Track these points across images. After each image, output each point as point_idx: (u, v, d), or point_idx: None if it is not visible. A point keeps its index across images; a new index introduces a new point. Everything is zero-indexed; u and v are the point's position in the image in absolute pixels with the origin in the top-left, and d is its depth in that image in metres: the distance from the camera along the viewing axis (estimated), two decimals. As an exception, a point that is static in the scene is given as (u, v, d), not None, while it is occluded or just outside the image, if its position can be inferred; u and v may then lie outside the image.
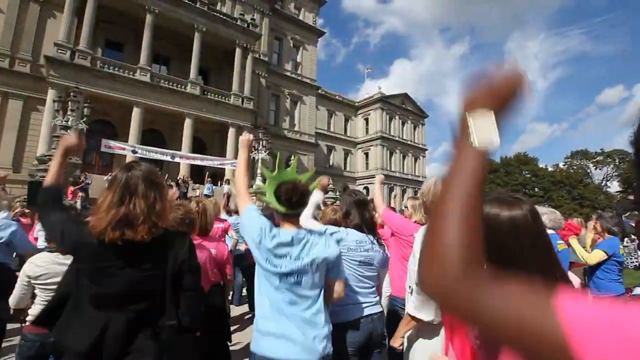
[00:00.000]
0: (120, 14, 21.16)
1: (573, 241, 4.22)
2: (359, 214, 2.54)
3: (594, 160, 53.90)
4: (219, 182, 22.35)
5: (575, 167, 53.45)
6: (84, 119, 16.39)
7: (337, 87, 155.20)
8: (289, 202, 1.86)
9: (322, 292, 1.87)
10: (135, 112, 20.08)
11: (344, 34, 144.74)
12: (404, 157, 44.43)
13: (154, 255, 1.53)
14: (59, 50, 18.29)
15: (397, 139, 43.52)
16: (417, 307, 1.82)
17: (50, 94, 17.70)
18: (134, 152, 18.82)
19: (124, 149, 18.52)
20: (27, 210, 7.38)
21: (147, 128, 21.43)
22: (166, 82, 21.59)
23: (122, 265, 1.47)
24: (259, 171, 20.51)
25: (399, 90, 50.39)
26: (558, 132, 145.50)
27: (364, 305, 2.35)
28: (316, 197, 2.53)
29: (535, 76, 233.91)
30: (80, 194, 13.61)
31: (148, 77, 20.59)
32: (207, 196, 17.83)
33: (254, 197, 16.29)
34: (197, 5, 22.39)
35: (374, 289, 2.48)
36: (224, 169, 22.76)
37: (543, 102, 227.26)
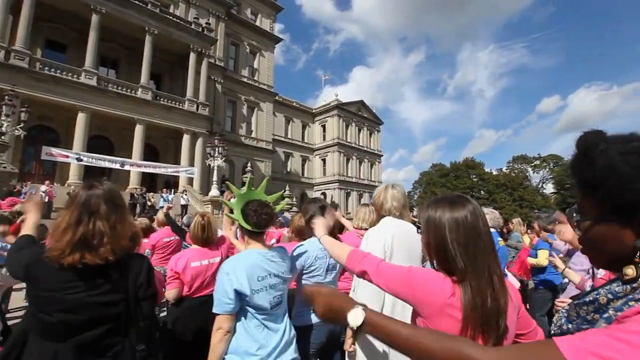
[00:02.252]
0: (62, 13, 19.96)
1: (541, 252, 4.64)
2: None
3: (532, 164, 58.71)
4: (172, 191, 21.70)
5: (516, 171, 57.85)
6: (21, 125, 15.23)
7: (299, 92, 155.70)
8: (258, 221, 1.91)
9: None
10: (80, 118, 18.97)
11: (305, 40, 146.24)
12: (360, 163, 45.63)
13: (113, 279, 1.45)
14: (-8, 50, 16.88)
15: (353, 145, 44.62)
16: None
17: (-19, 97, 16.25)
18: (79, 159, 17.78)
19: (67, 156, 17.45)
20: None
21: (94, 134, 20.33)
22: (115, 87, 20.60)
23: (80, 290, 1.38)
24: (214, 179, 20.21)
25: (358, 97, 51.90)
26: (503, 138, 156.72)
27: None
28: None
29: (485, 85, 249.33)
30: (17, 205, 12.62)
31: (94, 81, 19.55)
32: (161, 207, 17.30)
33: (209, 205, 15.91)
34: (149, 7, 21.64)
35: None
36: (178, 177, 22.12)
37: (490, 110, 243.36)
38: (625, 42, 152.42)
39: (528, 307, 4.71)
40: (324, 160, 43.08)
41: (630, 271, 0.63)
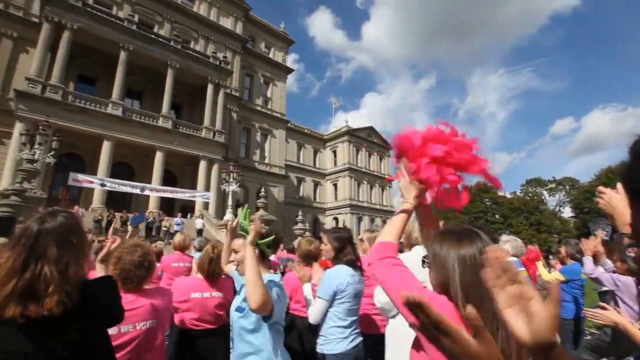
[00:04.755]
0: (94, 51, 21.72)
1: (538, 264, 4.66)
2: (353, 250, 2.70)
3: (547, 187, 57.93)
4: (189, 215, 22.51)
5: (530, 194, 57.09)
6: (52, 153, 16.40)
7: (312, 118, 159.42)
8: (275, 248, 2.26)
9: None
10: (106, 146, 20.22)
11: (318, 69, 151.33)
12: (371, 188, 46.01)
13: (68, 332, 1.22)
14: (30, 84, 18.45)
15: (364, 170, 45.22)
16: None
17: (18, 127, 17.63)
18: (103, 185, 18.81)
19: (92, 182, 18.49)
20: None
21: (118, 161, 21.52)
22: (138, 116, 22.00)
23: (28, 351, 1.14)
24: (229, 203, 20.97)
25: (370, 123, 52.92)
26: (517, 161, 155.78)
27: (353, 335, 2.49)
28: None
29: (495, 108, 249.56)
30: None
31: (120, 111, 20.97)
32: (176, 231, 18.00)
33: (224, 229, 16.50)
34: (171, 44, 23.41)
35: (357, 318, 2.63)
36: (194, 201, 22.97)
37: (502, 133, 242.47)
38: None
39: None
40: (335, 185, 43.63)
41: None
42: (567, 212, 56.03)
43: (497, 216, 52.16)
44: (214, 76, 25.28)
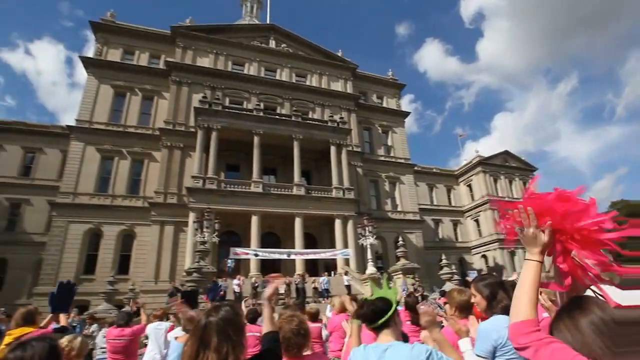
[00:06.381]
0: (234, 142, 25.61)
1: None
2: (507, 296, 2.36)
3: None
4: (332, 273, 22.79)
5: None
6: (215, 233, 19.12)
7: (440, 155, 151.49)
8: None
9: None
10: (254, 220, 22.69)
11: (436, 102, 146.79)
12: (522, 218, 39.72)
13: None
14: (195, 181, 22.56)
15: (506, 199, 39.65)
16: None
17: (191, 217, 21.37)
18: (256, 255, 20.80)
19: (247, 253, 20.65)
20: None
21: (265, 232, 23.82)
22: (275, 189, 24.40)
23: None
24: (369, 257, 20.55)
25: (504, 147, 47.70)
26: None
27: None
28: None
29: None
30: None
31: (260, 188, 23.62)
32: (324, 289, 18.26)
33: (368, 283, 15.97)
34: (292, 119, 26.09)
35: None
36: (336, 259, 23.31)
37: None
38: None
39: None
40: (477, 221, 39.34)
41: None
42: None
43: None
44: (335, 138, 26.70)
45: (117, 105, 26.55)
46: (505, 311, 2.21)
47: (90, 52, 30.18)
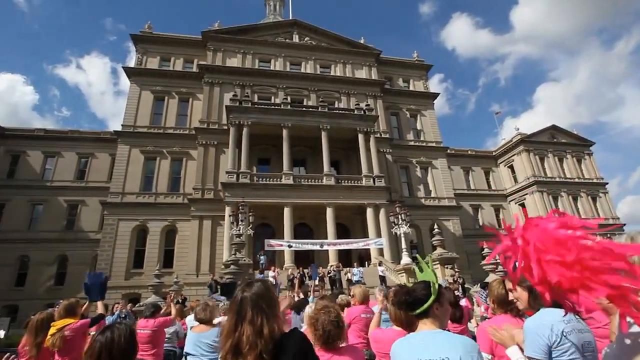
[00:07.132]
0: (264, 136, 26.24)
1: None
2: None
3: None
4: (366, 263, 22.85)
5: None
6: (250, 226, 19.84)
7: (476, 136, 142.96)
8: None
9: None
10: (286, 212, 23.23)
11: (469, 80, 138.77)
12: (575, 200, 37.05)
13: None
14: (229, 176, 23.48)
15: (557, 179, 37.21)
16: None
17: (227, 211, 22.30)
18: (290, 246, 21.33)
19: (281, 245, 21.24)
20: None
21: (297, 223, 24.32)
22: (305, 180, 24.76)
23: None
24: (403, 246, 20.30)
25: (551, 122, 44.72)
26: None
27: None
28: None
29: None
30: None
31: (291, 180, 24.09)
32: (357, 281, 18.35)
33: (404, 274, 15.72)
34: (319, 110, 26.22)
35: None
36: (369, 250, 23.30)
37: None
38: None
39: None
40: (522, 205, 37.12)
41: None
42: None
43: None
44: (362, 126, 26.49)
45: (156, 109, 28.31)
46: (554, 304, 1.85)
47: (131, 62, 32.30)
